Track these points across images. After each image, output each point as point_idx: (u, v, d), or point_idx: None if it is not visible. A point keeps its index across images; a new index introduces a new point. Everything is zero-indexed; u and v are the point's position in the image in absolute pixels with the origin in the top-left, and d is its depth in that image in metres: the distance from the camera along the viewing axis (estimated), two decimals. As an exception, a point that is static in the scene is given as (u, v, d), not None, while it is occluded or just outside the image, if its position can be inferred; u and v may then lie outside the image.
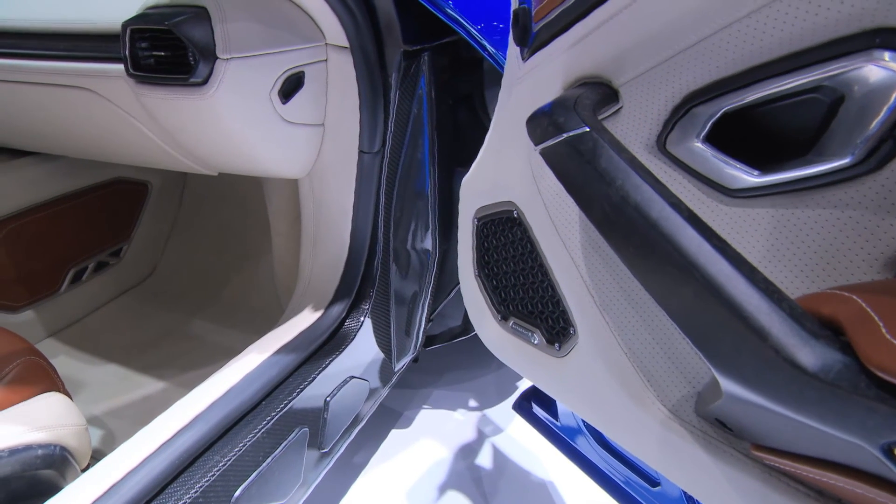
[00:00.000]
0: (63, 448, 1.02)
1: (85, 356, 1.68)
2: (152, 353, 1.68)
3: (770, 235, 0.50)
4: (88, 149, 1.42)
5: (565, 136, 0.55)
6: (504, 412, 1.74)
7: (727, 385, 0.43)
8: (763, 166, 0.51)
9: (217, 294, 1.89)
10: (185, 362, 1.63)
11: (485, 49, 1.19)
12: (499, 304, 0.91)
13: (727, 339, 0.40)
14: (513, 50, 0.83)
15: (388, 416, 1.72)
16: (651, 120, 0.58)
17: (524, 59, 0.79)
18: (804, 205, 0.48)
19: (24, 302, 1.67)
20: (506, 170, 0.84)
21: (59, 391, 1.12)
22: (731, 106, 0.50)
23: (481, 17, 1.21)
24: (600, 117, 0.62)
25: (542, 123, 0.60)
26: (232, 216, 1.99)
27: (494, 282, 0.92)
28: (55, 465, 1.01)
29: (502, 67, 1.22)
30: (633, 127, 0.60)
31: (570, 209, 0.71)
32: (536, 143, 0.61)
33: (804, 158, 0.48)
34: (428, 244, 1.36)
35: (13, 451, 0.95)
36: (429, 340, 1.62)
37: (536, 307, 0.83)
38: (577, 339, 0.72)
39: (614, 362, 0.67)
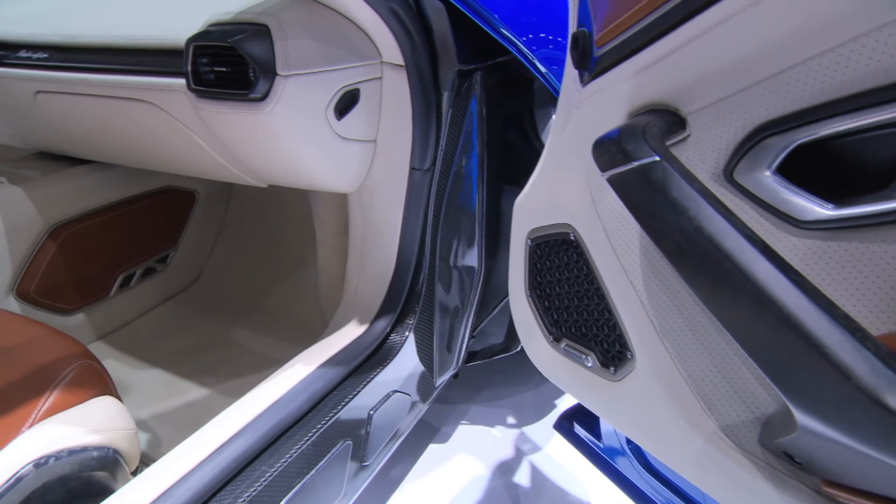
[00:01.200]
0: (115, 451, 1.05)
1: (132, 360, 1.71)
2: (196, 359, 1.71)
3: (843, 269, 0.50)
4: (144, 158, 1.45)
5: (635, 164, 0.56)
6: (542, 430, 1.73)
7: (805, 420, 0.42)
8: (835, 198, 0.50)
9: (260, 302, 1.92)
10: (227, 370, 1.65)
11: (536, 69, 1.20)
12: (550, 325, 0.91)
13: (808, 376, 0.40)
14: (570, 72, 0.83)
15: (426, 431, 1.73)
16: (719, 149, 0.58)
17: (584, 82, 0.79)
18: (881, 240, 0.48)
19: (76, 305, 1.71)
20: (563, 192, 0.84)
21: (112, 395, 1.14)
22: (807, 139, 0.50)
23: (534, 38, 1.22)
24: (667, 145, 0.62)
25: (610, 150, 0.60)
26: (277, 226, 2.02)
27: (546, 303, 0.92)
28: (108, 466, 1.04)
29: (553, 87, 1.23)
30: (700, 155, 0.60)
31: (630, 234, 0.71)
32: (604, 170, 0.61)
33: (883, 192, 0.47)
34: (473, 261, 1.37)
35: (72, 452, 0.98)
36: (469, 356, 1.63)
37: (591, 330, 0.83)
38: (635, 364, 0.72)
39: (674, 388, 0.66)
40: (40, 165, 1.69)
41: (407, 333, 1.33)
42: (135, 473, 1.10)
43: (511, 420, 1.78)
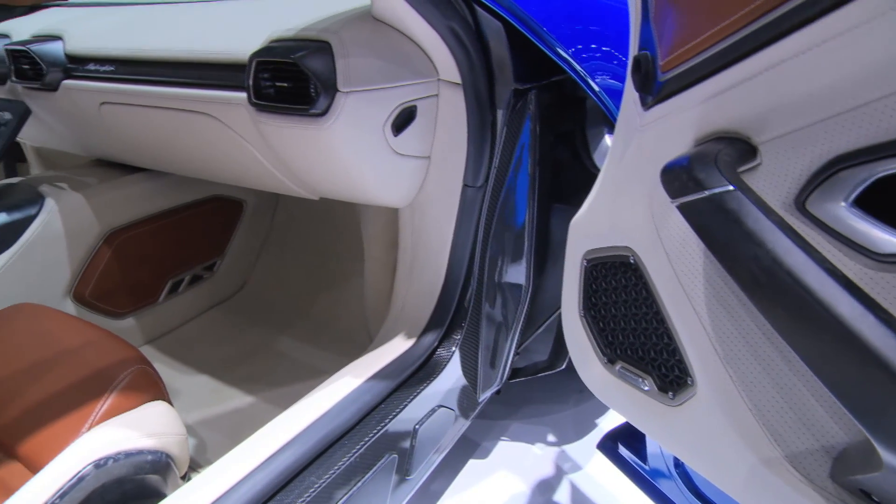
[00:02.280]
0: (168, 455, 1.07)
1: (179, 365, 1.74)
2: (241, 367, 1.73)
3: (925, 304, 0.49)
4: (201, 168, 1.49)
5: (707, 193, 0.56)
6: (583, 449, 1.72)
7: (892, 460, 0.42)
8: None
9: (304, 313, 1.94)
10: (272, 379, 1.68)
11: (591, 88, 1.20)
12: (605, 346, 0.91)
13: (896, 415, 0.39)
14: (630, 95, 0.84)
15: (466, 446, 1.73)
16: (792, 179, 0.58)
17: (646, 106, 0.79)
18: (965, 276, 0.47)
19: (127, 309, 1.76)
20: (622, 215, 0.84)
21: (165, 400, 1.17)
22: (888, 172, 0.50)
23: (588, 56, 1.23)
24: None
25: (681, 178, 0.60)
26: (322, 238, 2.04)
27: (601, 324, 0.92)
28: (160, 470, 1.06)
29: (606, 106, 1.23)
30: (772, 185, 0.60)
31: (694, 261, 0.71)
32: (674, 197, 0.61)
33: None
34: (521, 278, 1.37)
35: (128, 454, 1.00)
36: (513, 373, 1.63)
37: (648, 354, 0.82)
38: (696, 391, 0.72)
39: (737, 417, 0.66)
40: (97, 172, 1.74)
41: (453, 349, 1.33)
42: (184, 478, 1.12)
43: (551, 438, 1.77)
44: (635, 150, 0.82)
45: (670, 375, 0.78)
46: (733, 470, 0.67)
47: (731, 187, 0.54)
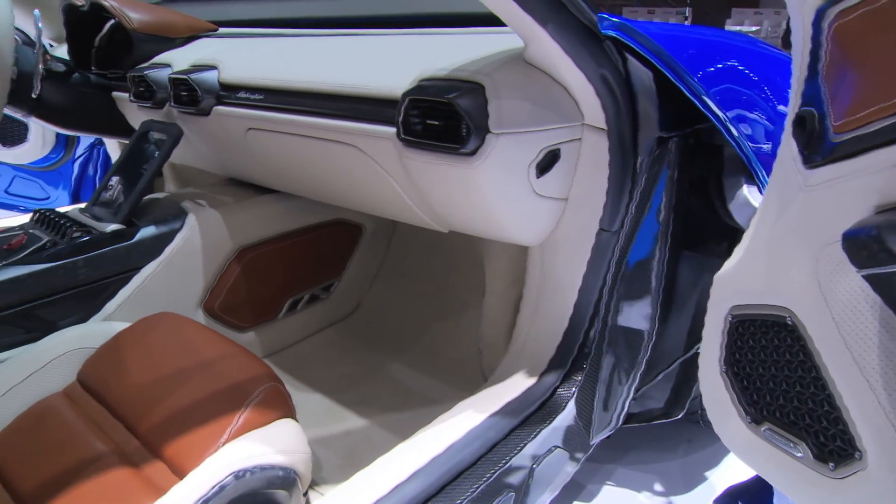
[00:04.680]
0: (295, 472, 1.11)
1: (295, 382, 1.80)
2: (354, 389, 1.77)
3: None
4: (333, 194, 1.55)
5: (904, 267, 0.54)
6: (692, 502, 1.67)
7: None
8: None
9: (417, 340, 1.97)
10: (384, 404, 1.71)
11: (733, 137, 1.19)
12: (748, 405, 0.89)
13: None
14: (789, 151, 0.82)
15: (573, 488, 1.70)
16: None
17: (810, 165, 0.78)
18: None
19: (249, 323, 1.83)
20: (779, 274, 0.82)
21: (293, 418, 1.21)
22: None
23: (732, 106, 1.21)
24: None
25: (870, 248, 0.59)
26: (437, 266, 2.08)
27: (745, 382, 0.90)
28: (288, 486, 1.09)
29: (747, 157, 1.21)
30: (972, 260, 0.57)
31: (868, 329, 0.69)
32: (860, 267, 0.60)
33: None
34: (645, 324, 1.35)
35: (263, 468, 1.04)
36: (627, 418, 1.60)
37: (803, 419, 0.80)
38: (865, 465, 0.69)
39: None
40: (232, 191, 1.84)
41: (574, 389, 1.33)
42: (304, 495, 1.15)
43: (658, 487, 1.72)
44: (798, 210, 0.80)
45: (830, 445, 0.75)
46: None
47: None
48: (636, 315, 1.34)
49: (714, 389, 0.95)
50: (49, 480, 1.10)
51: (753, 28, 7.60)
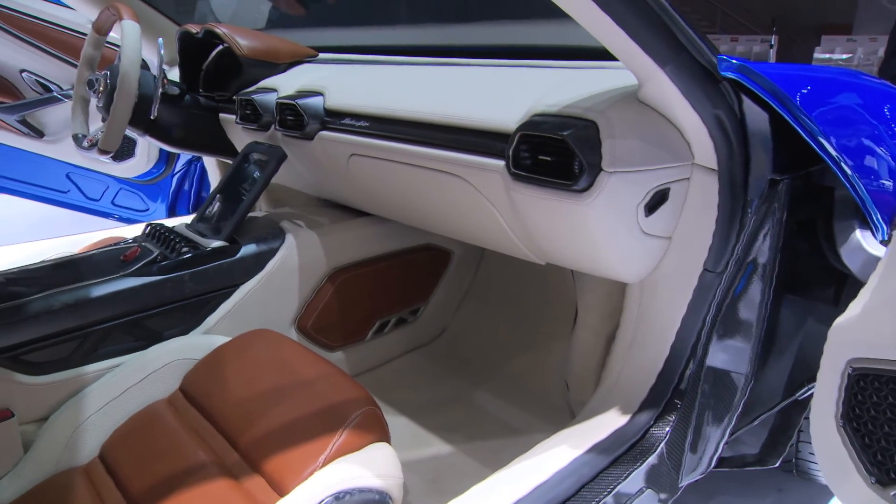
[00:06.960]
0: (389, 497, 1.12)
1: (380, 404, 1.82)
2: (439, 414, 1.78)
3: None
4: (428, 220, 1.57)
5: None
6: (781, 554, 1.61)
7: None
8: None
9: (501, 368, 1.97)
10: (469, 431, 1.71)
11: (848, 178, 1.16)
12: (871, 464, 0.86)
13: None
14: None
15: (656, 529, 1.67)
16: None
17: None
18: None
19: (338, 343, 1.87)
20: (912, 330, 0.80)
21: (388, 442, 1.23)
22: None
23: (855, 146, 1.18)
24: None
25: None
26: (522, 295, 2.08)
27: (867, 439, 0.87)
28: (382, 510, 1.11)
29: (863, 201, 1.18)
30: None
31: None
32: None
33: None
34: (744, 368, 1.32)
35: (361, 491, 1.07)
36: (719, 462, 1.56)
37: (935, 484, 0.77)
38: None
39: None
40: (327, 213, 1.89)
41: (667, 430, 1.30)
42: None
43: (746, 535, 1.67)
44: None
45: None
46: None
47: None
48: (735, 357, 1.31)
49: (829, 443, 0.92)
50: (156, 484, 1.15)
51: (845, 56, 7.27)
